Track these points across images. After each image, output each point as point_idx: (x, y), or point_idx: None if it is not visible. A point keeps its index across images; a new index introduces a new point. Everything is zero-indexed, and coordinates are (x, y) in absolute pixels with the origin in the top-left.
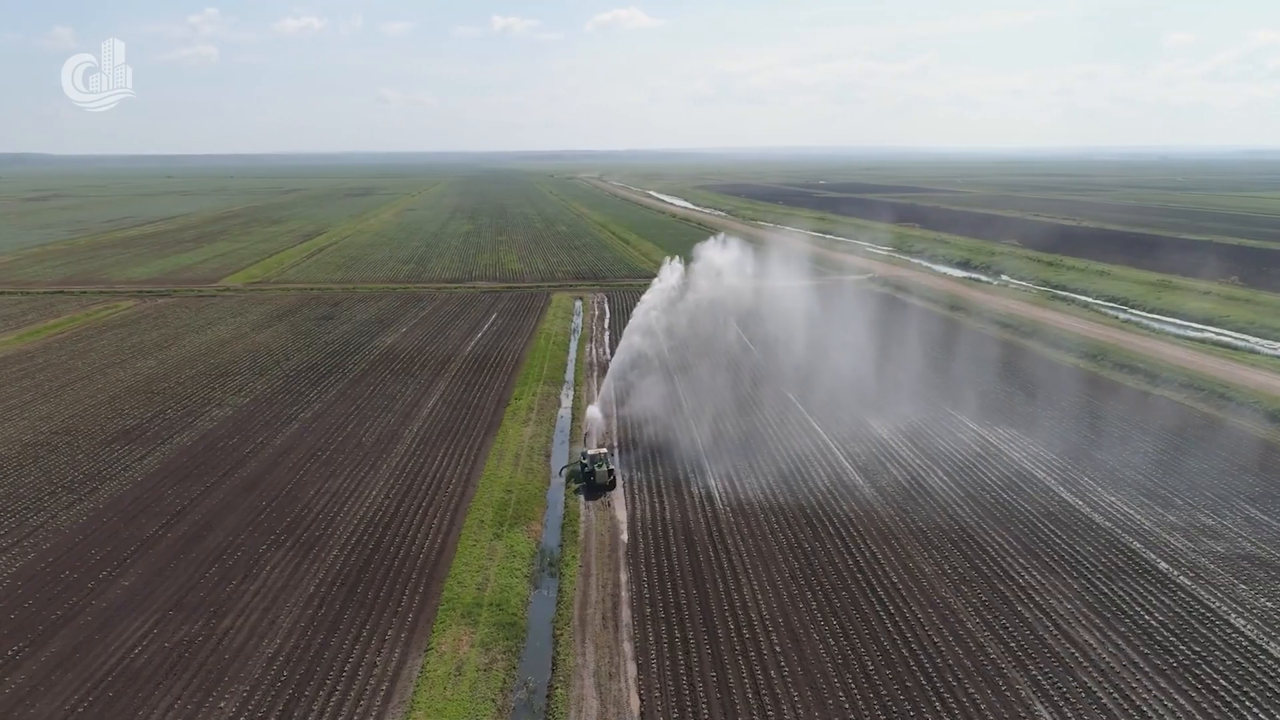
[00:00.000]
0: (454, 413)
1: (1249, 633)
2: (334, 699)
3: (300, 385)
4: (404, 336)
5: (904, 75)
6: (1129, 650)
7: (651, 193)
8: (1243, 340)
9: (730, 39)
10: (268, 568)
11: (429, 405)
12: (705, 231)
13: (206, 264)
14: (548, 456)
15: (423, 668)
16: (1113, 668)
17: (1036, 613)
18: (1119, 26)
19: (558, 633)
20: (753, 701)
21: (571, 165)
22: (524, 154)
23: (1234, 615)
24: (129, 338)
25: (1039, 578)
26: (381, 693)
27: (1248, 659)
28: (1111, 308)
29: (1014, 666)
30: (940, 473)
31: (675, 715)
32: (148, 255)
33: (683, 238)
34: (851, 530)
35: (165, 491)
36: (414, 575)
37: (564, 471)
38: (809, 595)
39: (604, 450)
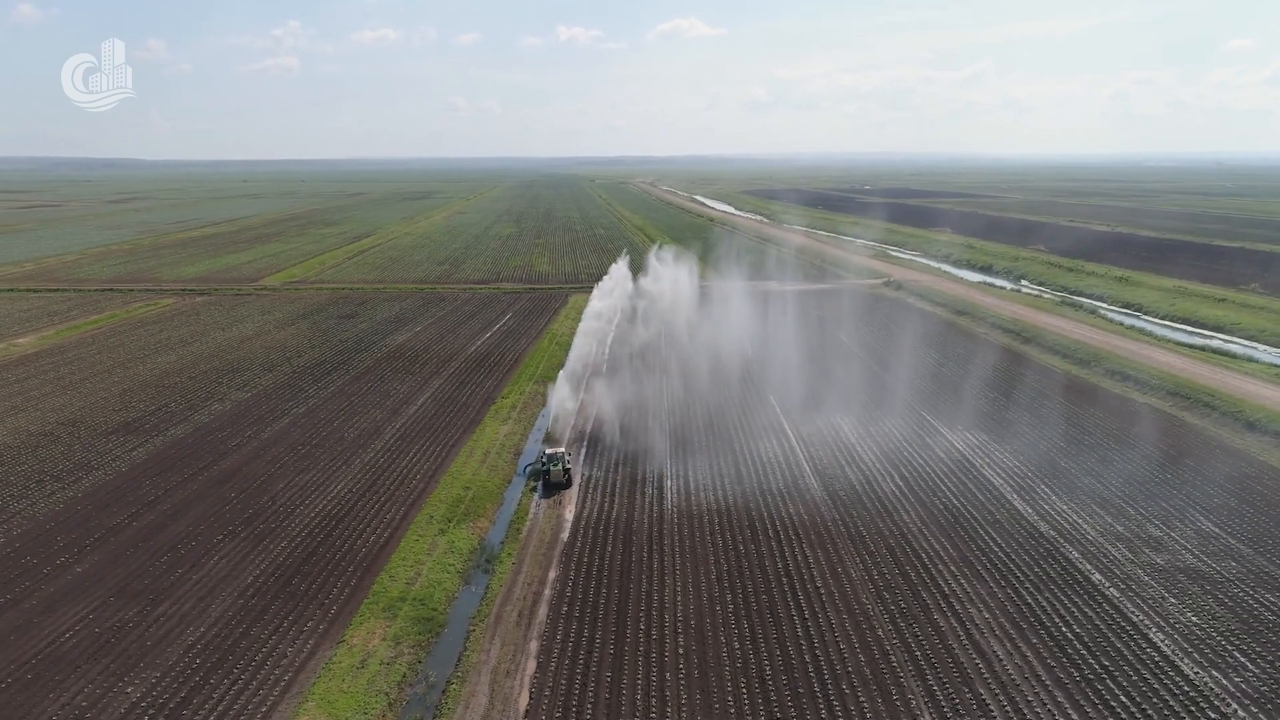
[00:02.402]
0: (440, 410)
1: (1165, 648)
2: (236, 688)
3: (303, 381)
4: (416, 335)
5: (958, 82)
6: (1036, 662)
7: (698, 197)
8: (1249, 348)
9: (787, 47)
10: (216, 557)
11: (419, 402)
12: (737, 235)
13: (253, 264)
14: (517, 455)
15: (329, 660)
16: (1014, 679)
17: (952, 621)
18: (1176, 32)
19: (471, 628)
20: (640, 703)
21: (629, 171)
22: (585, 159)
23: (1154, 630)
24: (158, 334)
25: (965, 586)
26: (283, 683)
27: (1156, 675)
28: (1122, 313)
29: (913, 675)
30: (896, 477)
31: (559, 714)
32: (201, 255)
33: (713, 240)
34: (790, 533)
35: (144, 482)
36: (351, 569)
37: (527, 470)
38: (729, 598)
39: (562, 450)
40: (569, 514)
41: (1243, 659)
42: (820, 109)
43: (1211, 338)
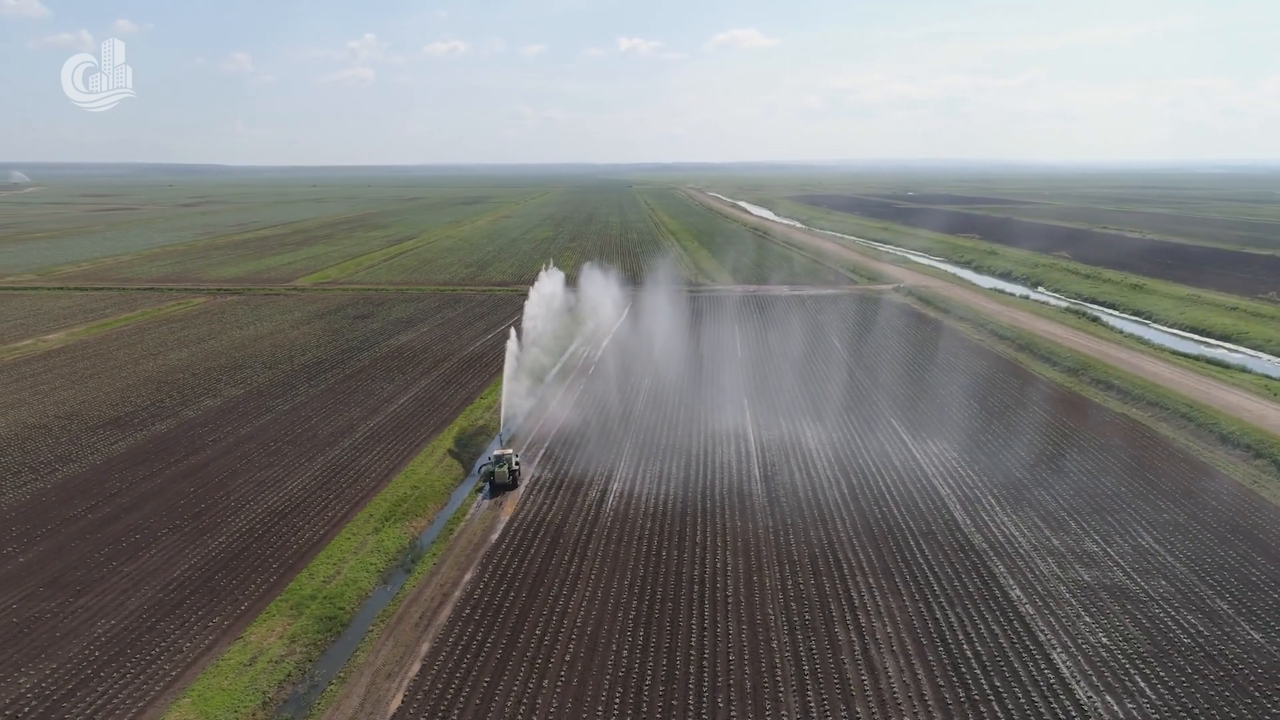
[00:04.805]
0: (419, 409)
1: (1064, 670)
2: (122, 682)
3: (296, 379)
4: (420, 336)
5: (1011, 90)
6: (924, 681)
7: (741, 203)
8: (1252, 357)
9: (841, 56)
10: (153, 550)
11: (400, 402)
12: (762, 240)
13: (292, 265)
14: (477, 455)
15: (220, 656)
16: (895, 698)
17: (851, 635)
18: (1232, 40)
19: (371, 629)
20: (509, 709)
21: (684, 177)
22: (643, 166)
23: (1057, 650)
24: (178, 332)
25: (877, 599)
26: (169, 679)
27: (1045, 698)
28: (1129, 321)
29: (793, 691)
30: (843, 484)
31: (424, 718)
32: (248, 256)
33: (741, 246)
34: (718, 540)
35: (113, 475)
36: (275, 565)
37: (481, 470)
38: (634, 604)
39: (509, 451)
40: (505, 516)
41: (1143, 683)
42: (874, 117)
43: (1216, 347)
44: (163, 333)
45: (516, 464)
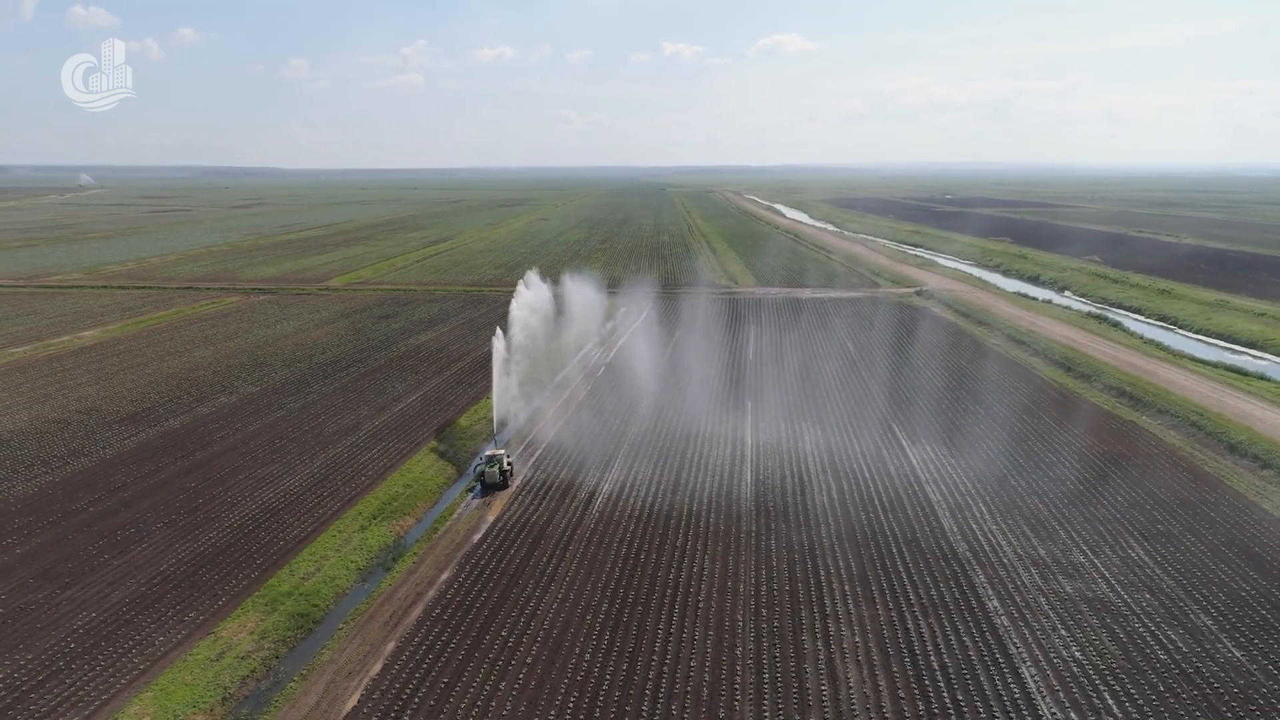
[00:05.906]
0: (425, 408)
1: (1031, 685)
2: (91, 674)
3: (312, 378)
4: (439, 336)
5: (1055, 93)
6: (885, 693)
7: (777, 205)
8: (1277, 363)
9: (884, 61)
10: (145, 545)
11: (407, 401)
12: (794, 242)
13: (328, 265)
14: (474, 455)
15: (189, 652)
16: (853, 710)
17: (817, 644)
18: None
19: (340, 627)
20: (462, 711)
21: (725, 179)
22: (686, 169)
23: (1027, 664)
24: (207, 330)
25: (850, 606)
26: (136, 673)
27: (1006, 713)
28: (1153, 326)
29: (750, 700)
30: (834, 489)
31: (377, 717)
32: (287, 257)
33: (770, 249)
34: (699, 543)
35: (120, 470)
36: (260, 561)
37: (476, 469)
38: (605, 608)
39: (501, 451)
40: (491, 515)
41: (1110, 701)
42: (916, 120)
43: (1241, 354)
44: (192, 331)
45: (509, 464)
